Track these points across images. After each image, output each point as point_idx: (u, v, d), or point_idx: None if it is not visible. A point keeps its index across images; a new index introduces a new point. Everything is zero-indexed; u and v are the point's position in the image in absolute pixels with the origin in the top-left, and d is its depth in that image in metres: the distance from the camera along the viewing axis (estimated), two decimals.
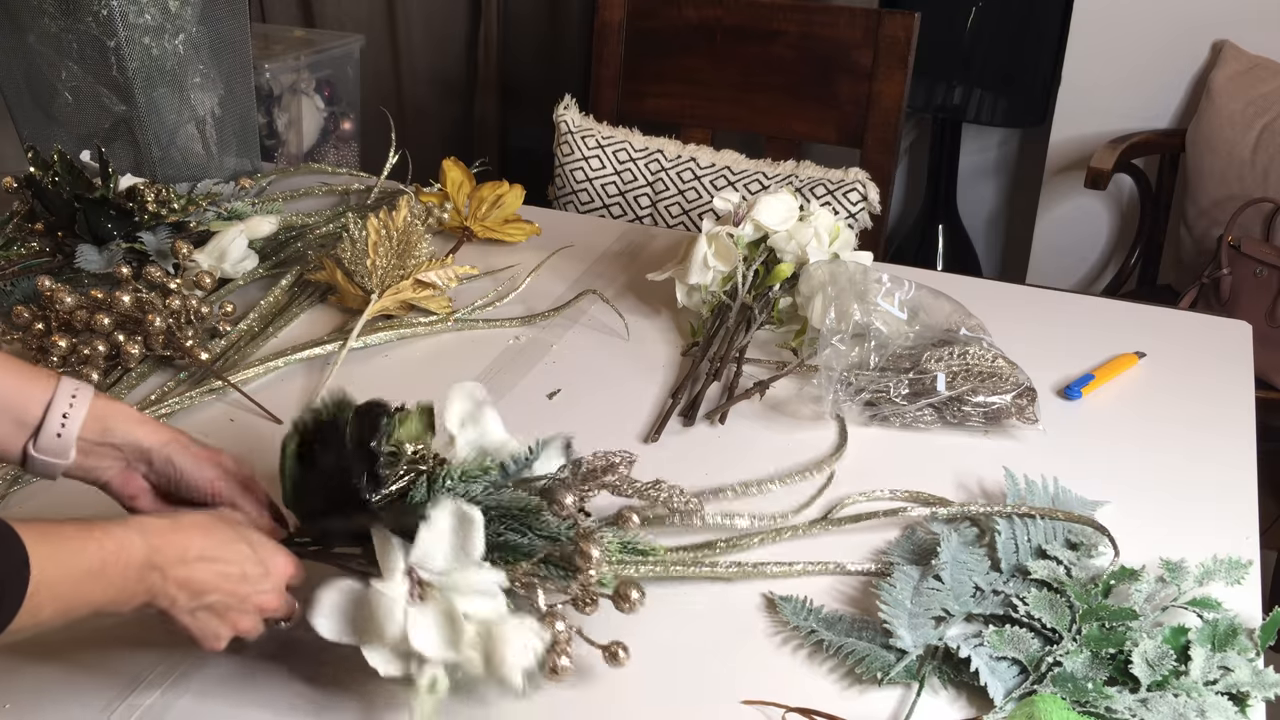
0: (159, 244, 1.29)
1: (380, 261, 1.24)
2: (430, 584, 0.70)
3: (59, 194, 1.27)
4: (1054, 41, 2.38)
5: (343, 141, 2.33)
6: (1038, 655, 0.78)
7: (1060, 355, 1.20)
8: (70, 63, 1.42)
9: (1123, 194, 2.40)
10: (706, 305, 1.24)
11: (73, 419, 0.76)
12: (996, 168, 2.81)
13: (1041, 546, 0.89)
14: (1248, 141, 2.08)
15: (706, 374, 1.14)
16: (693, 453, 1.05)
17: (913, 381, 1.08)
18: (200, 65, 1.49)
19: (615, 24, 1.84)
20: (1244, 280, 1.94)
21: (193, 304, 1.17)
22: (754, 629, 0.84)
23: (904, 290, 1.15)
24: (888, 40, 1.69)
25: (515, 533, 0.74)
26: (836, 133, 1.75)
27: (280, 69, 2.16)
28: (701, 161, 1.70)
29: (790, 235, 1.20)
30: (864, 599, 0.86)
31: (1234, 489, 1.00)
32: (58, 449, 0.76)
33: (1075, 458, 1.04)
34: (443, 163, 1.48)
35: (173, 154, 1.51)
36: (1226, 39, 2.18)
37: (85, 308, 1.14)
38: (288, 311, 1.27)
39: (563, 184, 1.77)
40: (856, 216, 1.62)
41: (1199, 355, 1.22)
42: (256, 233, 1.37)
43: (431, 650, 0.69)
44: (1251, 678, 0.75)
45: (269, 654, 0.80)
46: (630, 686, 0.78)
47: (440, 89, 2.74)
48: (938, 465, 1.03)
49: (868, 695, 0.78)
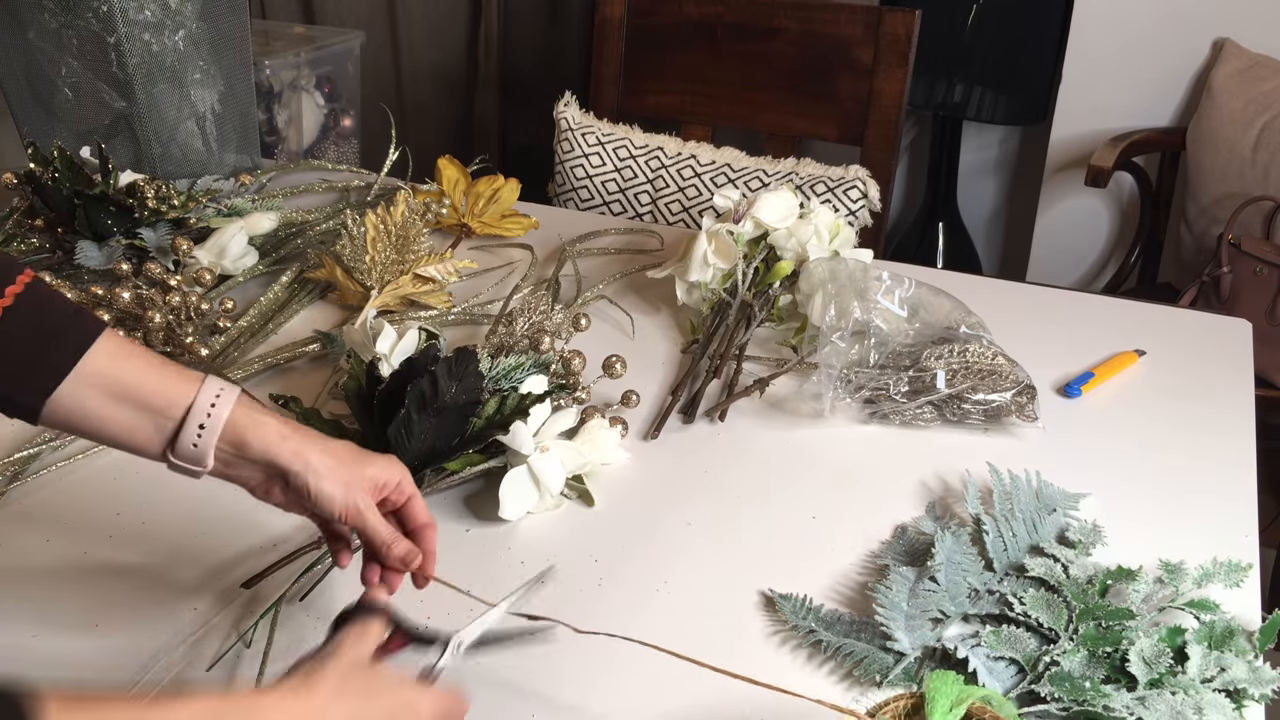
0: (159, 240, 1.29)
1: (379, 257, 1.24)
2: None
3: (59, 190, 1.27)
4: (1054, 39, 2.38)
5: (343, 138, 2.33)
6: (1035, 655, 0.78)
7: (1060, 353, 1.20)
8: (70, 59, 1.42)
9: (1123, 192, 2.40)
10: (706, 303, 1.24)
11: (209, 429, 0.71)
12: (997, 165, 2.81)
13: (1038, 544, 0.89)
14: (1248, 139, 2.08)
15: (706, 371, 1.14)
16: (692, 450, 1.05)
17: (912, 379, 1.08)
18: (200, 61, 1.49)
19: (615, 21, 1.84)
20: (1244, 278, 1.93)
21: (193, 300, 1.17)
22: (752, 627, 0.84)
23: (904, 288, 1.15)
24: (888, 37, 1.68)
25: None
26: (837, 130, 1.75)
27: (280, 65, 2.16)
28: (702, 159, 1.70)
29: (790, 233, 1.20)
30: (862, 599, 0.87)
31: (1233, 487, 1.00)
32: (194, 457, 0.72)
33: (1075, 455, 1.04)
34: (438, 161, 1.48)
35: (173, 150, 1.51)
36: (1227, 37, 2.18)
37: (85, 303, 1.14)
38: (288, 308, 1.27)
39: (563, 181, 1.77)
40: (856, 214, 1.62)
41: (1199, 353, 1.22)
42: (256, 229, 1.37)
43: (566, 471, 0.96)
44: (1248, 675, 0.75)
45: (269, 650, 0.80)
46: (630, 684, 0.79)
47: (440, 86, 2.74)
48: (937, 463, 1.03)
49: (868, 697, 0.78)
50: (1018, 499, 0.94)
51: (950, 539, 0.88)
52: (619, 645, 0.81)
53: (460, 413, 0.93)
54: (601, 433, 1.01)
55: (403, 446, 0.91)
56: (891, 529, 0.94)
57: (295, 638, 0.81)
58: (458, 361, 0.93)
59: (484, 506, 0.95)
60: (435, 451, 0.93)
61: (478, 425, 0.94)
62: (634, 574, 0.89)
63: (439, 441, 0.93)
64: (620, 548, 0.92)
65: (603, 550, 0.91)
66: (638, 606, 0.86)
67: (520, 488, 0.94)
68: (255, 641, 0.81)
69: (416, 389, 0.91)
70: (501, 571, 0.89)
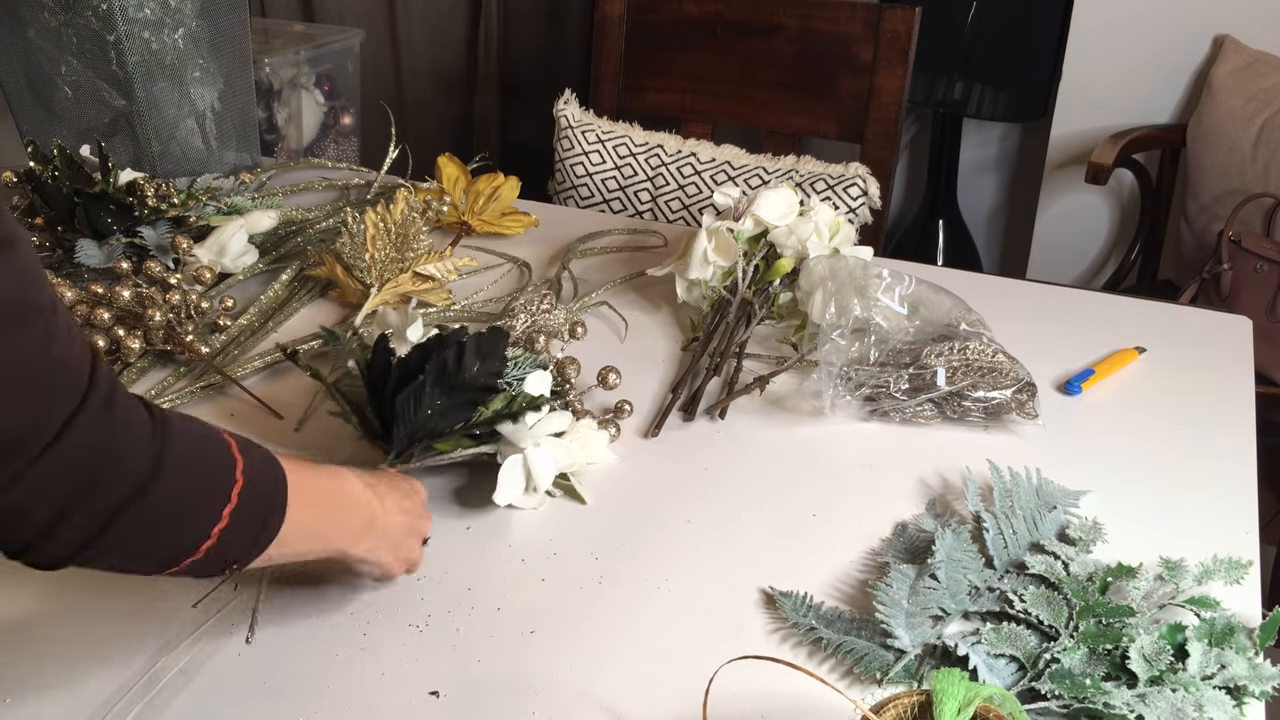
0: (159, 239, 1.29)
1: (379, 255, 1.24)
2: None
3: (59, 189, 1.27)
4: (1055, 36, 2.38)
5: (342, 136, 2.33)
6: (1035, 652, 0.78)
7: (1060, 350, 1.20)
8: (70, 57, 1.41)
9: (1123, 189, 2.40)
10: (707, 300, 1.24)
11: None
12: (997, 163, 2.81)
13: (1039, 542, 0.89)
14: (1248, 136, 2.08)
15: (707, 369, 1.14)
16: (693, 448, 1.05)
17: (913, 377, 1.08)
18: (200, 60, 1.49)
19: (615, 18, 1.83)
20: (1244, 275, 1.93)
21: (192, 299, 1.17)
22: (753, 624, 0.84)
23: (904, 285, 1.15)
24: (888, 35, 1.68)
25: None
26: (837, 127, 1.75)
27: (280, 63, 2.16)
28: (702, 156, 1.70)
29: (790, 230, 1.20)
30: (863, 596, 0.87)
31: (1233, 484, 1.00)
32: None
33: (1075, 453, 1.04)
34: (438, 159, 1.48)
35: (172, 149, 1.50)
36: (1227, 34, 2.18)
37: (85, 302, 1.14)
38: (288, 306, 1.27)
39: (563, 179, 1.77)
40: (857, 211, 1.62)
41: (1199, 350, 1.22)
42: (256, 227, 1.37)
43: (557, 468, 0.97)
44: (1249, 672, 0.75)
45: (269, 651, 0.80)
46: (629, 682, 0.79)
47: (440, 84, 2.73)
48: (937, 460, 1.03)
49: (868, 696, 0.78)
50: (1018, 496, 0.94)
51: (950, 536, 0.88)
52: (619, 643, 0.82)
53: (474, 395, 0.93)
54: (590, 434, 1.01)
55: (406, 416, 0.90)
56: (892, 526, 0.94)
57: (291, 633, 0.82)
58: (488, 339, 0.93)
59: (484, 505, 0.95)
60: (435, 430, 0.92)
61: (484, 414, 0.94)
62: (635, 572, 0.89)
63: (443, 421, 0.92)
64: (621, 545, 0.92)
65: (603, 548, 0.91)
66: (639, 604, 0.86)
67: (515, 476, 0.94)
68: (254, 642, 0.81)
69: (440, 359, 0.90)
70: (503, 568, 0.89)
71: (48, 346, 0.56)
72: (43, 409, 0.56)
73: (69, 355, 0.57)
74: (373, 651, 0.81)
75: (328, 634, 0.82)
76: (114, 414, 0.59)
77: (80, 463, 0.57)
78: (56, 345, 0.56)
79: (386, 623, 0.83)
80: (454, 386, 0.91)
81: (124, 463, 0.59)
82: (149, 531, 0.62)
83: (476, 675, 0.79)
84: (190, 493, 0.63)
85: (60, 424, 0.56)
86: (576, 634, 0.83)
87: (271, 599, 0.85)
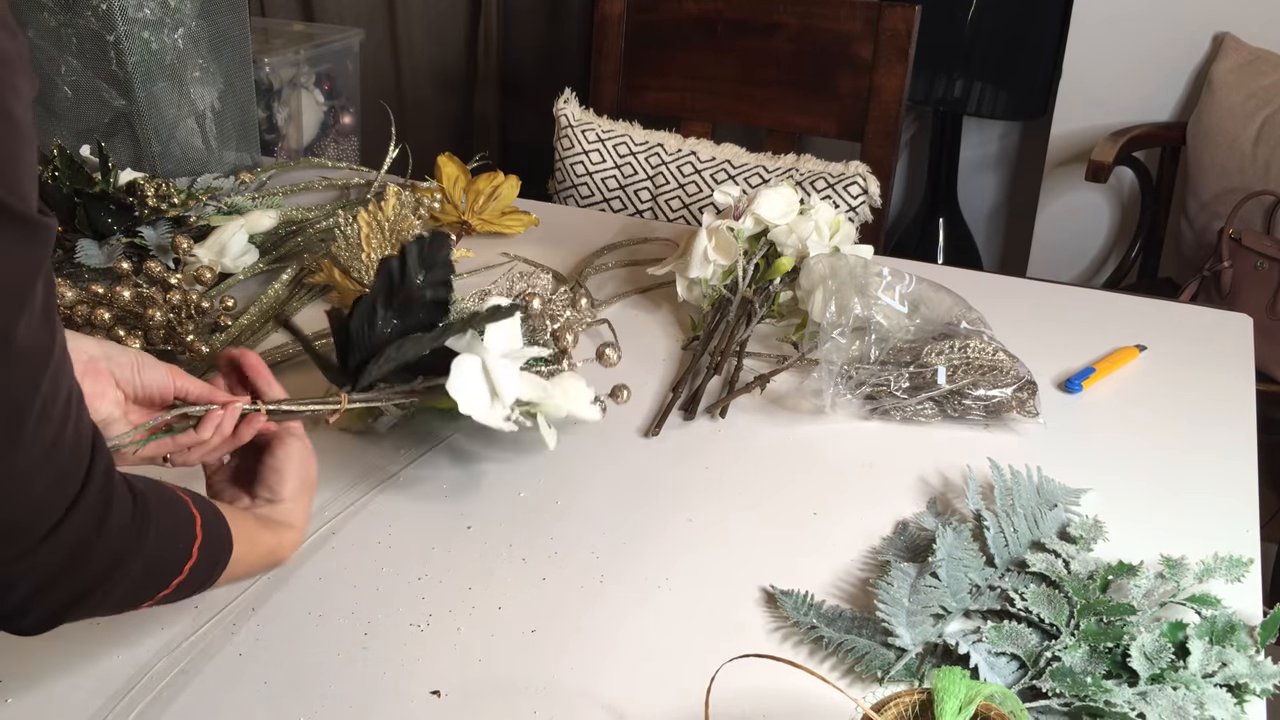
0: (159, 239, 1.29)
1: (374, 254, 1.24)
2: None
3: (59, 189, 1.27)
4: (1055, 34, 2.38)
5: (342, 136, 2.33)
6: (1036, 650, 0.78)
7: (1061, 348, 1.20)
8: (69, 57, 1.41)
9: (1123, 187, 2.40)
10: (707, 299, 1.24)
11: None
12: (997, 161, 2.81)
13: (1039, 540, 0.89)
14: (1249, 134, 2.08)
15: (707, 368, 1.14)
16: (693, 447, 1.05)
17: (913, 375, 1.08)
18: (200, 60, 1.49)
19: (615, 17, 1.83)
20: (1245, 273, 1.93)
21: (193, 299, 1.17)
22: (753, 623, 0.84)
23: (904, 284, 1.15)
24: (888, 33, 1.68)
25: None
26: (837, 126, 1.75)
27: (280, 63, 2.16)
28: (702, 155, 1.70)
29: (790, 229, 1.20)
30: (863, 595, 0.87)
31: (1234, 482, 1.00)
32: None
33: (1076, 451, 1.04)
34: (438, 158, 1.48)
35: (172, 149, 1.50)
36: (1227, 31, 2.18)
37: (85, 302, 1.14)
38: (288, 306, 1.27)
39: (563, 178, 1.77)
40: (857, 210, 1.62)
41: (1200, 348, 1.22)
42: (257, 227, 1.37)
43: (528, 392, 0.94)
44: (1250, 670, 0.75)
45: (269, 651, 0.80)
46: (630, 681, 0.79)
47: (440, 83, 2.74)
48: (938, 459, 1.03)
49: (870, 693, 0.78)
50: (1019, 494, 0.94)
51: (951, 535, 0.88)
52: (620, 642, 0.82)
53: (427, 311, 0.88)
54: (575, 385, 0.97)
55: (362, 341, 0.87)
56: (892, 525, 0.94)
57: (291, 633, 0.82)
58: (430, 243, 0.88)
59: (483, 504, 0.95)
60: (397, 360, 0.88)
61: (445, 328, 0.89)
62: (636, 571, 0.89)
63: (401, 351, 0.88)
64: (622, 544, 0.92)
65: (604, 547, 0.91)
66: (640, 603, 0.86)
67: (473, 379, 0.89)
68: (254, 641, 0.81)
69: (385, 270, 0.87)
70: (503, 568, 0.89)
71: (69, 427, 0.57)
72: (60, 491, 0.57)
73: (79, 437, 0.58)
74: (373, 651, 0.81)
75: (328, 634, 0.82)
76: (109, 491, 0.60)
77: (77, 541, 0.58)
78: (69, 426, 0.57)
79: (387, 622, 0.83)
80: (404, 302, 0.88)
81: (112, 539, 0.61)
82: (122, 595, 0.64)
83: (477, 674, 0.79)
84: (160, 560, 0.66)
85: (66, 506, 0.57)
86: (577, 633, 0.83)
87: (272, 599, 0.85)
